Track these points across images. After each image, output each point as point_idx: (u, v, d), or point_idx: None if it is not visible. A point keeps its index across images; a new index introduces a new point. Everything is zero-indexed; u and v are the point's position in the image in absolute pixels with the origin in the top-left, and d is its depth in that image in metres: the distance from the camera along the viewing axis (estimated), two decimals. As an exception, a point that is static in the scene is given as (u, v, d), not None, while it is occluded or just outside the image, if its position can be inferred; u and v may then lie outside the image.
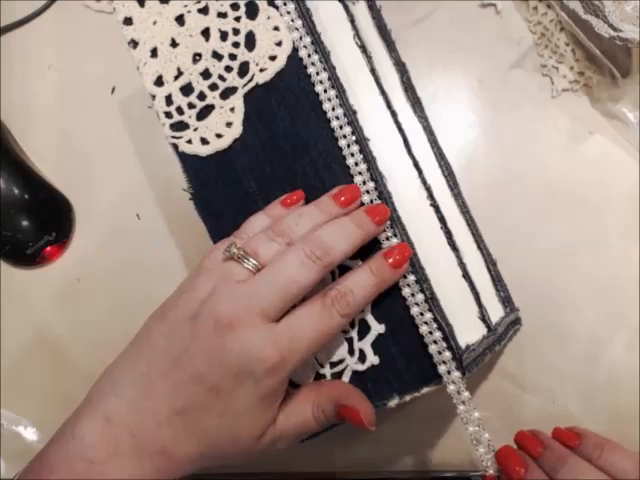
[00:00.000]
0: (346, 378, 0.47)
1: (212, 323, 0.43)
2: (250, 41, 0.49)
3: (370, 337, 0.47)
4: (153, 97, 0.51)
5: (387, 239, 0.46)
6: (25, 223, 0.67)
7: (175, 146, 0.51)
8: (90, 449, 0.43)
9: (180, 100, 0.51)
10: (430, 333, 0.45)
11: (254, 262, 0.44)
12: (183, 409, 0.43)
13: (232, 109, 0.49)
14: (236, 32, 0.49)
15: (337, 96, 0.47)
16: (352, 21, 0.53)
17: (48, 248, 0.68)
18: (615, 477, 0.45)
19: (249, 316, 0.42)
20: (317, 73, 0.47)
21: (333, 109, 0.47)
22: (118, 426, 0.43)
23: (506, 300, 0.56)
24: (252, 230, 0.47)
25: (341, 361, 0.47)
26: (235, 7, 0.49)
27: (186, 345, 0.44)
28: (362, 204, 0.47)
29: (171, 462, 0.43)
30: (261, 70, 0.49)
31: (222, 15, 0.50)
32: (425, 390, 0.46)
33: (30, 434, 0.66)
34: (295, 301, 0.44)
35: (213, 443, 0.44)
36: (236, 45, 0.49)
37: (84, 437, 0.44)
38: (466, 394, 0.46)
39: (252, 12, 0.49)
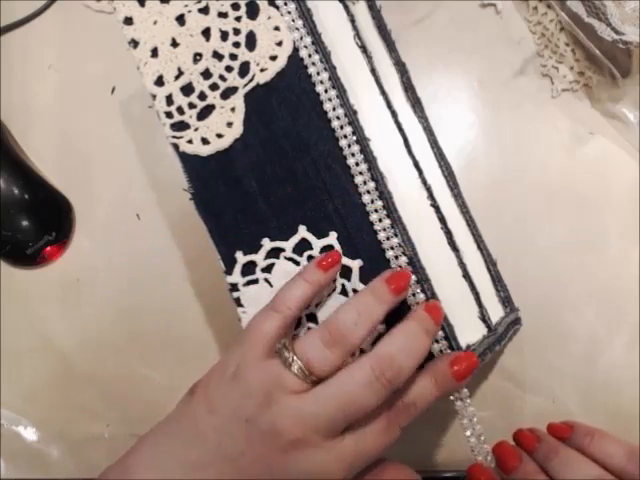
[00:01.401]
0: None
1: (272, 436, 0.42)
2: (251, 41, 0.49)
3: (371, 337, 0.47)
4: (154, 97, 0.51)
5: (387, 239, 0.46)
6: (25, 223, 0.67)
7: (176, 146, 0.51)
8: None
9: (181, 100, 0.50)
10: (431, 333, 0.46)
11: (306, 372, 0.43)
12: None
13: (233, 109, 0.49)
14: (237, 32, 0.49)
15: (338, 96, 0.47)
16: (352, 21, 0.53)
17: (48, 248, 0.68)
18: (604, 462, 0.45)
19: (310, 436, 0.42)
20: (318, 73, 0.47)
21: (334, 109, 0.47)
22: None
23: (506, 300, 0.56)
24: (291, 299, 0.46)
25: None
26: (236, 7, 0.49)
27: (242, 449, 0.43)
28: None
29: None
30: (262, 70, 0.49)
31: (223, 15, 0.50)
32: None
33: (30, 434, 0.66)
34: (357, 420, 0.43)
35: None
36: (237, 45, 0.49)
37: None
38: (465, 391, 0.46)
39: (253, 12, 0.49)
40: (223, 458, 0.43)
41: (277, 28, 0.48)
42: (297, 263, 0.49)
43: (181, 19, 0.51)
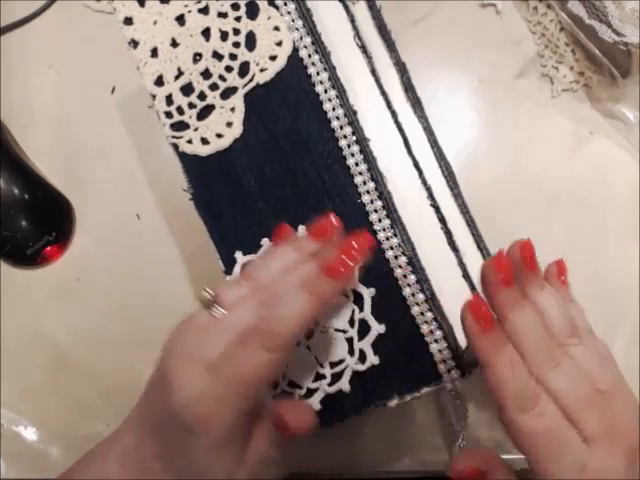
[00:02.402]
0: (346, 378, 0.47)
1: (159, 375, 0.43)
2: (250, 41, 0.49)
3: (370, 337, 0.47)
4: (153, 97, 0.51)
5: (387, 239, 0.46)
6: (25, 223, 0.67)
7: (175, 146, 0.51)
8: (108, 474, 0.44)
9: (180, 100, 0.51)
10: (431, 332, 0.46)
11: (209, 300, 0.43)
12: (160, 454, 0.43)
13: (232, 109, 0.49)
14: (236, 32, 0.49)
15: (337, 96, 0.47)
16: (352, 21, 0.53)
17: (48, 248, 0.68)
18: None
19: (189, 367, 0.41)
20: (317, 73, 0.47)
21: (334, 109, 0.47)
22: (129, 461, 0.44)
23: (506, 300, 0.56)
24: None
25: (341, 361, 0.47)
26: (236, 7, 0.49)
27: (151, 388, 0.45)
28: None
29: None
30: (261, 70, 0.49)
31: (222, 15, 0.50)
32: (425, 390, 0.46)
33: (30, 434, 0.66)
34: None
35: None
36: (236, 45, 0.49)
37: (107, 463, 0.45)
38: (461, 389, 0.46)
39: (253, 12, 0.49)
40: (141, 411, 0.46)
41: (277, 28, 0.49)
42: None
43: (181, 19, 0.51)
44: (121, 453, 0.45)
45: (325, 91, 0.47)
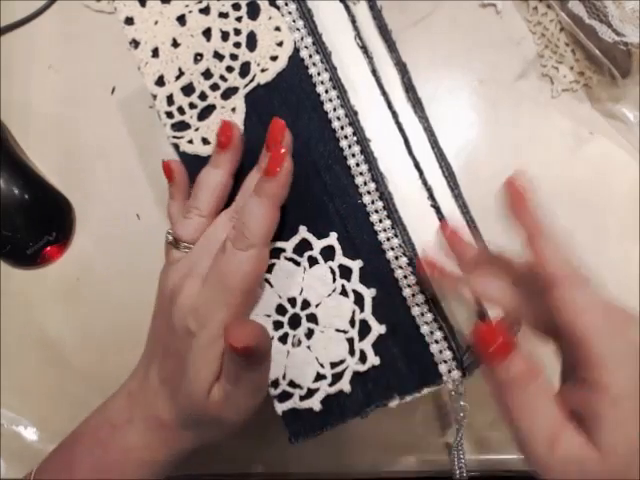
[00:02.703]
0: (347, 378, 0.47)
1: (162, 301, 0.49)
2: (251, 41, 0.49)
3: (371, 338, 0.47)
4: (154, 97, 0.51)
5: (388, 240, 0.46)
6: (25, 223, 0.67)
7: (176, 146, 0.51)
8: (113, 416, 0.50)
9: (181, 100, 0.51)
10: (431, 333, 0.46)
11: (182, 244, 0.51)
12: (165, 378, 0.48)
13: (233, 109, 0.49)
14: (237, 32, 0.49)
15: (338, 97, 0.47)
16: (353, 22, 0.53)
17: (48, 248, 0.68)
18: None
19: (185, 281, 0.47)
20: (318, 74, 0.47)
21: (334, 109, 0.47)
22: (135, 398, 0.50)
23: (506, 300, 0.56)
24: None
25: (342, 361, 0.47)
26: (236, 7, 0.49)
27: (154, 326, 0.51)
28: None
29: (169, 432, 0.48)
30: (262, 70, 0.49)
31: (223, 15, 0.50)
32: (426, 391, 0.46)
33: (30, 434, 0.66)
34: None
35: (182, 404, 0.47)
36: (237, 45, 0.49)
37: (111, 407, 0.51)
38: (462, 389, 0.46)
39: (253, 12, 0.49)
40: (151, 340, 0.52)
41: (278, 28, 0.48)
42: (297, 263, 0.49)
43: (182, 19, 0.51)
44: (125, 394, 0.51)
45: (326, 91, 0.47)
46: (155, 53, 0.51)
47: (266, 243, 0.46)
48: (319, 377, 0.48)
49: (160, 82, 0.51)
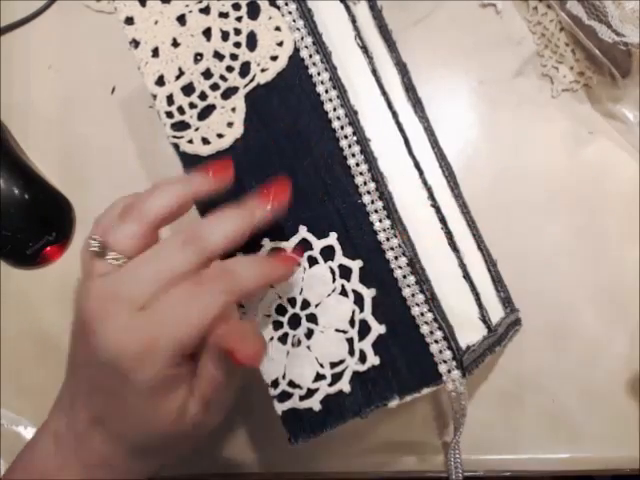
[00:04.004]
0: (346, 378, 0.47)
1: (81, 323, 0.41)
2: (251, 41, 0.49)
3: (370, 337, 0.47)
4: (154, 97, 0.51)
5: (388, 240, 0.46)
6: (25, 223, 0.67)
7: (176, 146, 0.51)
8: (41, 465, 0.44)
9: (181, 100, 0.50)
10: (431, 333, 0.45)
11: (101, 247, 0.42)
12: (97, 417, 0.42)
13: (233, 109, 0.49)
14: (237, 32, 0.49)
15: (338, 96, 0.47)
16: (353, 21, 0.53)
17: (48, 248, 0.68)
18: None
19: (113, 306, 0.40)
20: (318, 73, 0.47)
21: (334, 109, 0.47)
22: (64, 441, 0.44)
23: (506, 301, 0.56)
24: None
25: (341, 361, 0.47)
26: (237, 7, 0.49)
27: (73, 352, 0.44)
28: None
29: (115, 470, 0.43)
30: (262, 70, 0.49)
31: (223, 15, 0.50)
32: (426, 391, 0.46)
33: (30, 434, 0.66)
34: (169, 288, 0.40)
35: (135, 438, 0.42)
36: (237, 45, 0.49)
37: (38, 455, 0.45)
38: (463, 389, 0.46)
39: (254, 12, 0.49)
40: (70, 372, 0.45)
41: (278, 28, 0.48)
42: (297, 263, 0.49)
43: (182, 19, 0.51)
44: (51, 437, 0.45)
45: (326, 91, 0.47)
46: (155, 53, 0.51)
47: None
48: (319, 377, 0.48)
49: (160, 82, 0.51)
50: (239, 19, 0.49)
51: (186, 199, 0.45)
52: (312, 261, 0.48)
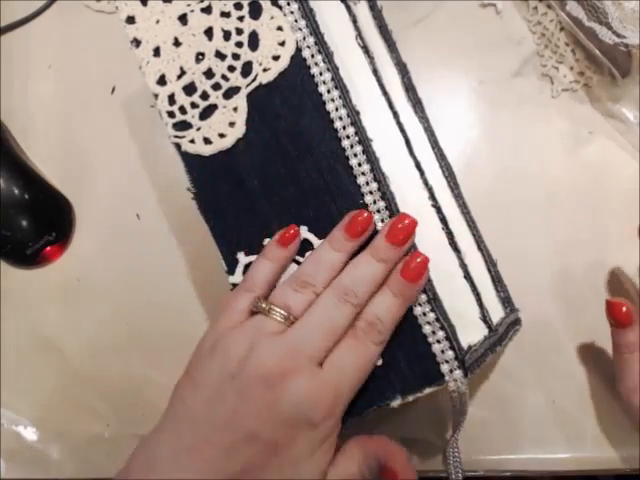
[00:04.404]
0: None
1: (260, 379, 0.43)
2: (253, 41, 0.49)
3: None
4: (156, 96, 0.51)
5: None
6: (25, 223, 0.67)
7: (178, 146, 0.51)
8: None
9: (183, 99, 0.50)
10: (433, 333, 0.46)
11: (285, 314, 0.45)
12: (240, 472, 0.42)
13: (235, 109, 0.49)
14: (239, 32, 0.49)
15: (340, 96, 0.47)
16: (354, 21, 0.53)
17: (48, 248, 0.68)
18: None
19: (297, 364, 0.43)
20: (320, 73, 0.47)
21: (336, 109, 0.47)
22: None
23: (506, 300, 0.56)
24: (260, 279, 0.48)
25: (344, 361, 0.47)
26: (238, 7, 0.49)
27: (233, 407, 0.43)
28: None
29: None
30: (264, 70, 0.49)
31: (225, 14, 0.50)
32: (428, 391, 0.46)
33: (30, 434, 0.66)
34: (336, 341, 0.45)
35: None
36: (239, 45, 0.49)
37: None
38: (464, 388, 0.46)
39: (255, 12, 0.49)
40: (214, 428, 0.43)
41: (280, 28, 0.48)
42: (299, 264, 0.49)
43: (183, 18, 0.51)
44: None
45: (328, 91, 0.47)
46: (156, 52, 0.51)
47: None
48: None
49: (162, 81, 0.51)
50: (241, 19, 0.49)
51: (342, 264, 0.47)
52: (314, 261, 0.48)
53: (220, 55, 0.50)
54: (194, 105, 0.50)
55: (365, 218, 0.46)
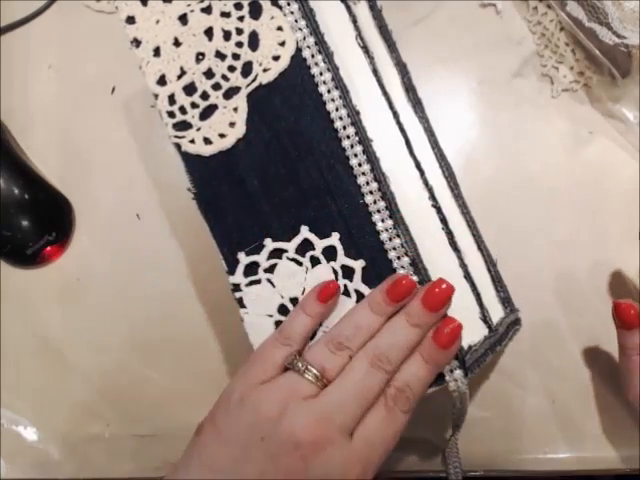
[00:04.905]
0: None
1: (291, 445, 0.43)
2: (253, 41, 0.49)
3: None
4: (156, 96, 0.51)
5: (390, 240, 0.46)
6: (25, 223, 0.67)
7: (178, 146, 0.51)
8: None
9: (183, 100, 0.50)
10: (433, 333, 0.46)
11: (319, 375, 0.45)
12: None
13: (235, 109, 0.49)
14: (239, 32, 0.49)
15: (341, 96, 0.47)
16: (354, 22, 0.53)
17: (48, 248, 0.68)
18: None
19: (329, 433, 0.43)
20: (321, 73, 0.47)
21: (337, 109, 0.47)
22: None
23: (506, 300, 0.56)
24: (297, 333, 0.47)
25: (346, 363, 0.48)
26: (239, 7, 0.49)
27: (261, 468, 0.43)
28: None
29: None
30: (264, 70, 0.49)
31: (225, 15, 0.50)
32: (428, 391, 0.46)
33: (30, 434, 0.66)
34: (367, 407, 0.44)
35: None
36: (239, 45, 0.49)
37: None
38: (464, 388, 0.46)
39: (256, 12, 0.49)
40: None
41: (280, 28, 0.48)
42: (300, 264, 0.49)
43: (184, 18, 0.51)
44: None
45: (328, 91, 0.47)
46: (157, 52, 0.51)
47: None
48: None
49: (162, 81, 0.51)
50: (241, 19, 0.49)
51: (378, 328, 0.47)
52: (314, 261, 0.48)
53: (220, 55, 0.50)
54: (194, 105, 0.50)
55: (408, 284, 0.46)
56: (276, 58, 0.48)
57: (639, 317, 0.52)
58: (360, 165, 0.47)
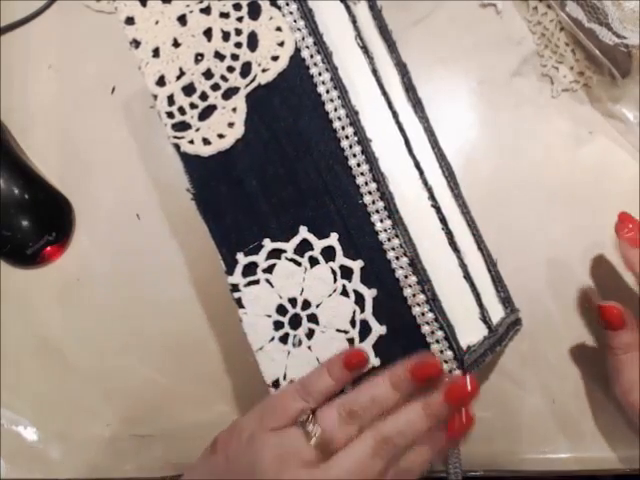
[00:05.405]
0: (347, 379, 0.48)
1: None
2: (252, 41, 0.49)
3: (371, 338, 0.47)
4: (155, 97, 0.51)
5: (389, 240, 0.46)
6: (25, 223, 0.67)
7: (177, 146, 0.51)
8: None
9: (182, 100, 0.50)
10: (432, 333, 0.46)
11: (322, 443, 0.45)
12: None
13: (234, 109, 0.49)
14: (238, 32, 0.49)
15: (339, 97, 0.47)
16: (354, 22, 0.53)
17: (48, 248, 0.68)
18: None
19: None
20: (319, 74, 0.47)
21: (335, 110, 0.47)
22: None
23: (506, 301, 0.56)
24: (318, 392, 0.47)
25: (343, 362, 0.48)
26: (237, 7, 0.49)
27: None
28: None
29: None
30: (263, 70, 0.49)
31: (224, 15, 0.50)
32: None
33: (30, 434, 0.66)
34: None
35: None
36: (238, 45, 0.49)
37: None
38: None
39: (254, 12, 0.49)
40: None
41: (279, 28, 0.48)
42: (298, 264, 0.49)
43: (183, 19, 0.51)
44: None
45: (327, 91, 0.47)
46: (156, 53, 0.51)
47: None
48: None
49: (161, 82, 0.51)
50: (240, 19, 0.49)
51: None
52: (313, 261, 0.48)
53: (219, 56, 0.50)
54: (193, 106, 0.50)
55: (437, 368, 0.45)
56: (275, 58, 0.48)
57: (623, 317, 0.53)
58: (359, 165, 0.46)
